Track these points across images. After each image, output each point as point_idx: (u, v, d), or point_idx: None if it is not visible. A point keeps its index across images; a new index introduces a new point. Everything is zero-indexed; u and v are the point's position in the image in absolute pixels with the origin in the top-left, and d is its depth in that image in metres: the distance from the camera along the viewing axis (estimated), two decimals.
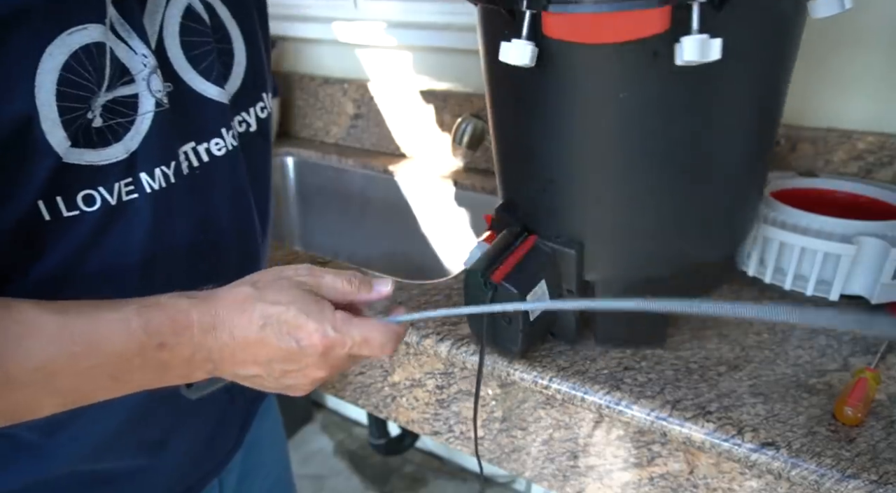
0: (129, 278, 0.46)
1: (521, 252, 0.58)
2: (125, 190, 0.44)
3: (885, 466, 0.47)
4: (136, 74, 0.44)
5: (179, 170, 0.48)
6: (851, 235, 0.67)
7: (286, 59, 1.34)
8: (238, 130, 0.55)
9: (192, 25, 0.49)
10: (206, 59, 0.50)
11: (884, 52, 0.82)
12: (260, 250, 0.60)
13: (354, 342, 0.43)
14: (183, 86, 0.48)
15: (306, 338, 0.41)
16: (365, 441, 1.72)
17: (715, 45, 0.43)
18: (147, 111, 0.45)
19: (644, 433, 0.57)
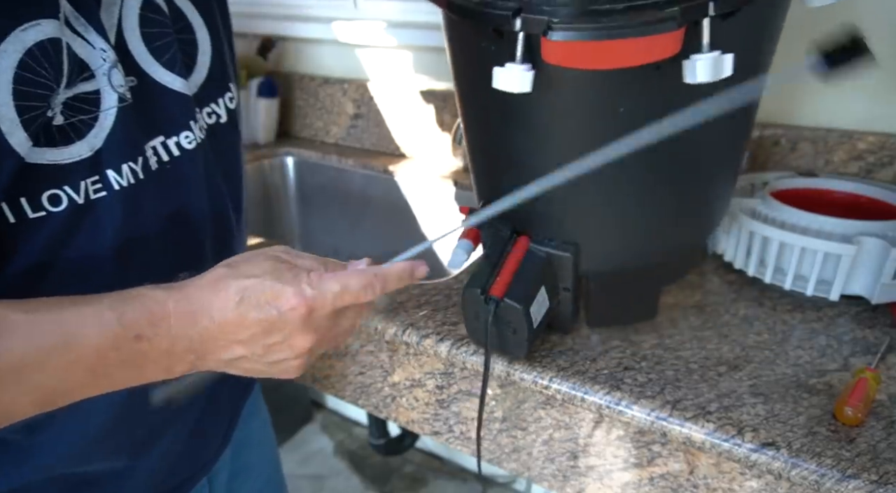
0: (103, 277, 0.46)
1: (516, 260, 0.56)
2: (92, 188, 0.44)
3: (886, 466, 0.47)
4: (95, 69, 0.43)
5: (147, 165, 0.47)
6: (851, 235, 0.67)
7: (286, 59, 1.34)
8: (207, 121, 0.54)
9: (152, 16, 0.48)
10: (168, 51, 0.49)
11: (884, 52, 0.82)
12: (235, 241, 0.59)
13: (335, 295, 0.41)
14: (147, 79, 0.47)
15: (285, 303, 0.40)
16: (365, 441, 1.72)
17: (727, 62, 0.40)
18: (110, 107, 0.44)
19: (644, 433, 0.57)
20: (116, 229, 0.45)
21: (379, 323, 0.67)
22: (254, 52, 1.30)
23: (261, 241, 0.86)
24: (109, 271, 0.46)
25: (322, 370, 0.79)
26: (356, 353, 0.74)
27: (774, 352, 0.61)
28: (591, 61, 0.41)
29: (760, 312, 0.68)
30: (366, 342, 0.72)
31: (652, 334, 0.64)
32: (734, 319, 0.66)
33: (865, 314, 0.67)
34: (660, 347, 0.62)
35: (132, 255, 0.47)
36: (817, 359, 0.60)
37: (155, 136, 0.48)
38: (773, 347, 0.62)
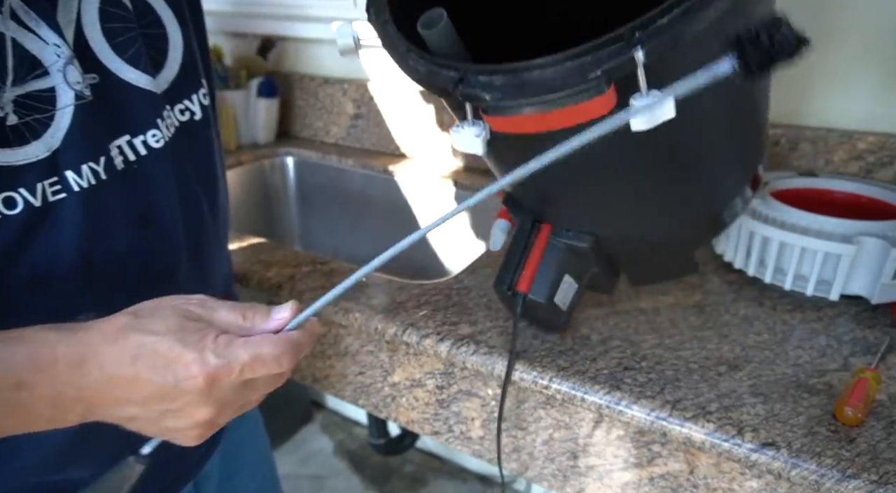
0: (67, 281, 0.44)
1: (538, 252, 0.58)
2: (50, 190, 0.42)
3: (886, 466, 0.47)
4: (49, 66, 0.41)
5: (111, 165, 0.45)
6: (851, 235, 0.67)
7: (286, 59, 1.34)
8: (180, 118, 0.52)
9: (113, 11, 0.46)
10: (132, 46, 0.47)
11: (884, 52, 0.82)
12: (212, 243, 0.57)
13: (244, 365, 0.37)
14: (110, 76, 0.46)
15: (183, 370, 0.36)
16: (365, 441, 1.72)
17: (667, 106, 0.36)
18: (66, 105, 0.42)
19: (644, 432, 0.57)
20: (78, 232, 0.44)
21: (379, 323, 0.67)
22: (254, 52, 1.30)
23: (263, 242, 0.86)
24: (73, 276, 0.44)
25: (322, 370, 0.79)
26: (356, 353, 0.74)
27: (774, 352, 0.61)
28: (531, 128, 0.41)
29: (760, 312, 0.68)
30: (366, 342, 0.72)
31: (652, 334, 0.64)
32: (734, 319, 0.66)
33: (865, 314, 0.67)
34: (660, 347, 0.62)
35: (97, 258, 0.45)
36: (817, 359, 0.60)
37: (120, 134, 0.46)
38: (773, 347, 0.62)
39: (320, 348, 0.77)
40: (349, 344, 0.74)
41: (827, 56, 0.85)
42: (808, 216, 0.69)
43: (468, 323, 0.66)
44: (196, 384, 0.36)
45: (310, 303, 0.41)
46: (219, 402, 0.38)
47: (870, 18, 0.82)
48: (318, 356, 0.78)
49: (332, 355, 0.77)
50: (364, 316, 0.68)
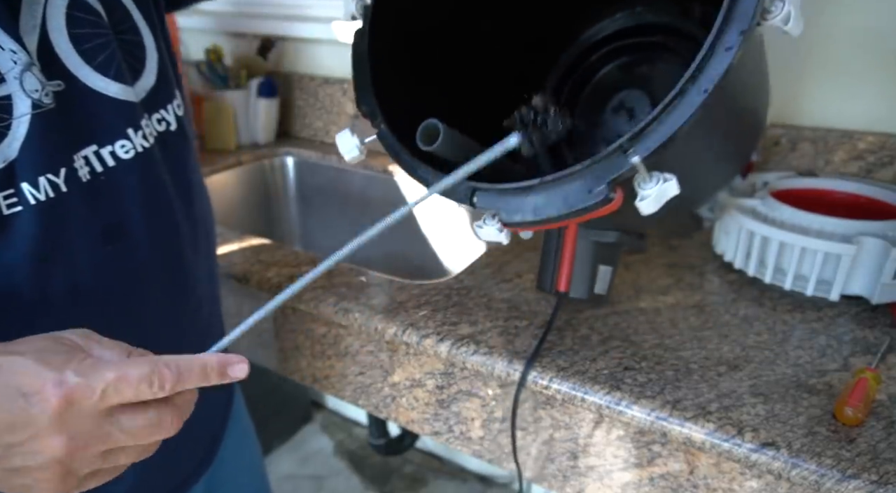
0: (21, 300, 0.42)
1: (570, 251, 0.60)
2: (5, 203, 0.40)
3: (886, 466, 0.47)
4: (5, 73, 0.39)
5: (75, 177, 0.43)
6: (851, 235, 0.67)
7: (286, 59, 1.34)
8: (157, 128, 0.51)
9: (82, 16, 0.44)
10: (101, 53, 0.45)
11: (884, 52, 0.82)
12: (188, 256, 0.55)
13: (106, 386, 0.31)
14: (77, 84, 0.44)
15: (36, 392, 0.30)
16: (365, 441, 1.72)
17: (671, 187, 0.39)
18: (23, 114, 0.40)
19: (644, 433, 0.57)
20: (33, 248, 0.41)
21: (379, 323, 0.67)
22: (254, 52, 1.30)
23: (263, 242, 0.86)
24: (28, 293, 0.42)
25: (322, 370, 0.79)
26: (356, 353, 0.74)
27: (774, 352, 0.61)
28: (545, 227, 0.44)
29: (760, 312, 0.68)
30: (366, 342, 0.72)
31: (652, 334, 0.64)
32: (734, 319, 0.66)
33: (865, 314, 0.67)
34: (660, 347, 0.62)
35: (55, 274, 0.43)
36: (817, 359, 0.60)
37: (85, 145, 0.44)
38: (773, 347, 0.62)
39: (320, 348, 0.77)
40: (349, 344, 0.74)
41: (827, 56, 0.85)
42: (808, 216, 0.69)
43: (468, 323, 0.66)
44: (48, 407, 0.30)
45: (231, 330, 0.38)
46: (73, 435, 0.31)
47: (870, 18, 0.82)
48: (318, 356, 0.78)
49: (332, 355, 0.77)
50: (364, 316, 0.68)
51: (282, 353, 0.82)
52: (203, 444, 0.63)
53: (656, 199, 0.39)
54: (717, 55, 0.38)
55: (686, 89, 0.38)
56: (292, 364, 0.82)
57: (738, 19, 0.37)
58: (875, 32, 0.82)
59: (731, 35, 0.37)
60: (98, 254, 0.45)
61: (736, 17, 0.38)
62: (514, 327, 0.65)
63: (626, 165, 0.39)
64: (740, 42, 0.37)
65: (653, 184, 0.39)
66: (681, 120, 0.38)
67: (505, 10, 0.62)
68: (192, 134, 0.57)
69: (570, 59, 0.69)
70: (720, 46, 0.37)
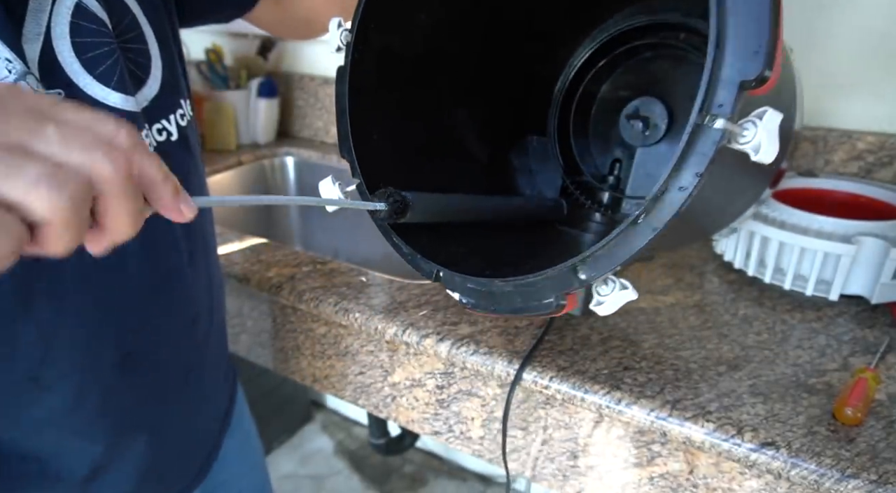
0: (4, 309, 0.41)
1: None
2: None
3: (885, 466, 0.47)
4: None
5: None
6: (851, 235, 0.67)
7: (286, 59, 1.34)
8: (157, 138, 0.50)
9: (86, 25, 0.44)
10: (104, 63, 0.45)
11: (884, 52, 0.83)
12: (184, 269, 0.54)
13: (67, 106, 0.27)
14: (77, 92, 0.43)
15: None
16: (365, 441, 1.72)
17: (627, 295, 0.41)
18: None
19: (644, 432, 0.57)
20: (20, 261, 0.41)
21: (379, 323, 0.67)
22: (254, 53, 1.30)
23: (263, 242, 0.86)
24: (9, 304, 0.41)
25: (322, 370, 0.79)
26: (356, 353, 0.74)
27: (774, 352, 0.61)
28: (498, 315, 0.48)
29: (760, 312, 0.68)
30: (366, 342, 0.72)
31: (652, 334, 0.64)
32: (734, 319, 0.66)
33: (865, 314, 0.67)
34: (660, 347, 0.62)
35: (40, 288, 0.42)
36: (817, 359, 0.60)
37: None
38: (773, 347, 0.62)
39: (320, 347, 0.77)
40: (349, 344, 0.74)
41: (826, 56, 0.85)
42: (808, 216, 0.69)
43: (468, 323, 0.66)
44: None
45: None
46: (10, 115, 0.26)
47: (869, 19, 0.82)
48: (318, 356, 0.78)
49: (333, 355, 0.77)
50: (364, 316, 0.68)
51: (282, 353, 0.82)
52: (199, 458, 0.62)
53: (612, 304, 0.42)
54: (671, 193, 0.37)
55: (638, 220, 0.38)
56: (292, 364, 0.82)
57: (695, 161, 0.36)
58: (875, 32, 0.82)
59: (686, 176, 0.36)
60: (86, 267, 0.45)
61: (692, 158, 0.36)
62: (514, 327, 0.65)
63: (576, 283, 0.41)
64: (696, 184, 0.36)
65: (609, 290, 0.41)
66: (629, 252, 0.39)
67: (494, 36, 0.62)
68: (196, 143, 0.56)
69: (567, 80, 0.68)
70: (674, 185, 0.36)
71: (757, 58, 0.33)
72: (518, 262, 0.52)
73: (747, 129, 0.34)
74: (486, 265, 0.51)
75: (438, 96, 0.61)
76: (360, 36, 0.52)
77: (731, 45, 0.34)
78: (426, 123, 0.59)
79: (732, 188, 0.54)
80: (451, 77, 0.61)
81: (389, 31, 0.53)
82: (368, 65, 0.53)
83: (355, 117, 0.53)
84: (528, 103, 0.68)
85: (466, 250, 0.54)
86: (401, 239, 0.50)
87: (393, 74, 0.56)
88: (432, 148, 0.60)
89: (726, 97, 0.34)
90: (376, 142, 0.54)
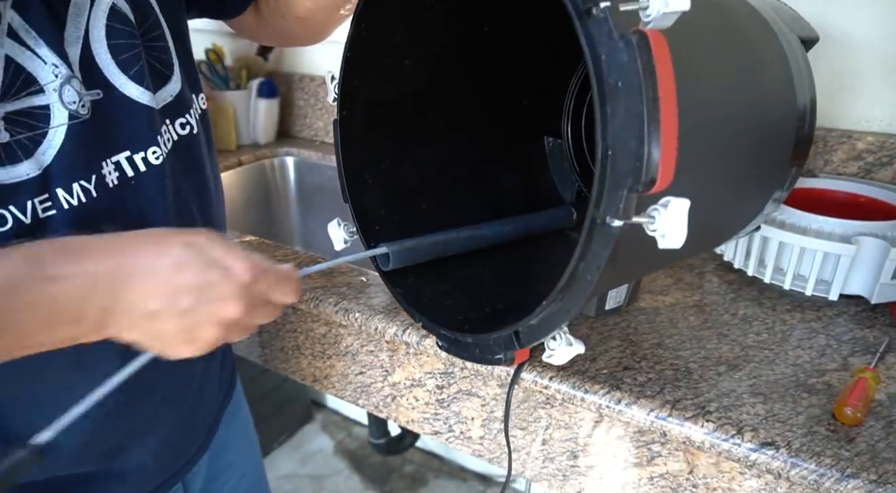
0: None
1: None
2: (41, 207, 0.42)
3: (885, 466, 0.47)
4: (45, 85, 0.41)
5: (103, 183, 0.45)
6: (851, 235, 0.67)
7: (286, 59, 1.34)
8: (180, 132, 0.53)
9: (119, 27, 0.46)
10: (136, 63, 0.47)
11: (883, 52, 0.83)
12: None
13: (277, 277, 0.41)
14: (114, 93, 0.46)
15: (234, 264, 0.39)
16: (365, 441, 1.72)
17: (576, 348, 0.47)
18: (60, 124, 0.42)
19: (644, 432, 0.57)
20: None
21: (379, 323, 0.67)
22: (254, 53, 1.30)
23: (263, 242, 0.86)
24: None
25: (322, 370, 0.79)
26: (356, 353, 0.74)
27: (774, 352, 0.61)
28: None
29: (760, 311, 0.68)
30: (366, 342, 0.72)
31: (652, 334, 0.64)
32: (734, 319, 0.66)
33: (865, 314, 0.67)
34: (660, 347, 0.62)
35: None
36: (817, 359, 0.60)
37: (118, 151, 0.47)
38: (773, 346, 0.62)
39: (321, 347, 0.77)
40: (349, 344, 0.74)
41: (826, 56, 0.85)
42: (808, 216, 0.69)
43: None
44: (242, 278, 0.39)
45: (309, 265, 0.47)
46: (249, 304, 0.40)
47: (869, 19, 0.82)
48: (319, 356, 0.78)
49: (333, 355, 0.77)
50: (364, 316, 0.68)
51: (282, 353, 0.83)
52: (203, 429, 0.64)
53: (560, 357, 0.46)
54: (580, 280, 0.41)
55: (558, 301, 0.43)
56: (292, 364, 0.82)
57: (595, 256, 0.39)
58: (875, 32, 0.82)
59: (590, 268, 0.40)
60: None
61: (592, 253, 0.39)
62: None
63: (517, 346, 0.48)
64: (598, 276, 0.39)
65: (556, 345, 0.46)
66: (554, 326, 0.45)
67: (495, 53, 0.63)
68: (211, 135, 0.59)
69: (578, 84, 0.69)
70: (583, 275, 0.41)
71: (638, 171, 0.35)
72: (501, 295, 0.57)
73: (653, 218, 0.36)
74: (470, 303, 0.56)
75: (431, 130, 0.63)
76: (345, 94, 0.55)
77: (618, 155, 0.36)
78: (418, 163, 0.62)
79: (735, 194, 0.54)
80: (446, 107, 0.63)
81: (374, 84, 0.56)
82: (358, 116, 0.57)
83: (349, 165, 0.57)
84: (538, 111, 0.69)
85: (450, 287, 0.58)
86: (388, 281, 0.56)
87: (382, 121, 0.58)
88: (427, 184, 0.63)
89: (619, 200, 0.37)
90: (371, 187, 0.58)
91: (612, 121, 0.36)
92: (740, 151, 0.49)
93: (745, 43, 0.51)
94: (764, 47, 0.54)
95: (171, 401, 0.56)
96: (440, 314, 0.54)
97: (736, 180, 0.52)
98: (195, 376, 0.60)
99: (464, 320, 0.53)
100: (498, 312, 0.54)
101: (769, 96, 0.53)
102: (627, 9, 0.35)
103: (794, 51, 0.57)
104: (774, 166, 0.56)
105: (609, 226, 0.37)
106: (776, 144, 0.54)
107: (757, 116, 0.51)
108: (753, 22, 0.54)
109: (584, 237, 0.39)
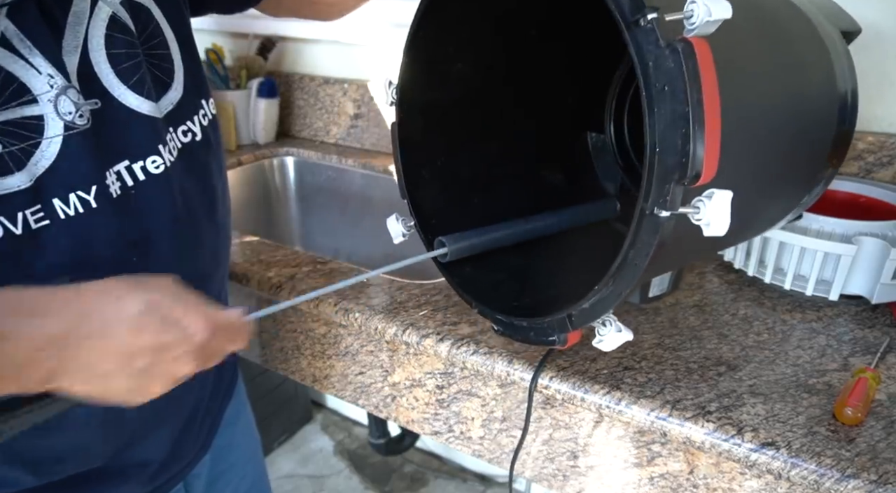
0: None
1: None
2: (33, 218, 0.41)
3: (885, 466, 0.47)
4: (39, 95, 0.41)
5: (105, 193, 0.45)
6: (851, 235, 0.67)
7: (286, 59, 1.34)
8: (183, 140, 0.52)
9: (119, 36, 0.46)
10: (136, 73, 0.47)
11: (883, 52, 0.82)
12: (209, 265, 0.56)
13: (230, 331, 0.41)
14: (113, 102, 0.45)
15: (190, 324, 0.38)
16: (365, 441, 1.72)
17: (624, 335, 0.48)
18: (55, 135, 0.42)
19: (644, 432, 0.57)
20: (62, 261, 0.43)
21: (379, 323, 0.67)
22: (254, 52, 1.30)
23: (263, 242, 0.86)
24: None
25: (322, 370, 0.79)
26: (356, 353, 0.74)
27: (774, 352, 0.61)
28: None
29: (760, 312, 0.68)
30: (366, 342, 0.72)
31: (652, 334, 0.64)
32: (734, 319, 0.66)
33: (865, 314, 0.67)
34: (660, 347, 0.62)
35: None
36: (817, 359, 0.60)
37: (118, 160, 0.46)
38: (773, 347, 0.62)
39: (321, 347, 0.77)
40: (349, 344, 0.74)
41: None
42: (808, 216, 0.69)
43: (468, 323, 0.66)
44: (201, 338, 0.39)
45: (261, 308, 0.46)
46: (204, 359, 0.40)
47: (869, 20, 0.82)
48: (319, 356, 0.78)
49: (333, 355, 0.77)
50: (364, 316, 0.68)
51: (282, 353, 0.82)
52: (205, 426, 0.64)
53: (609, 343, 0.48)
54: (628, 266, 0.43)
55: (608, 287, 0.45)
56: (292, 364, 0.82)
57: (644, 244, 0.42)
58: (875, 32, 0.82)
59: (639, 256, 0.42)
60: (124, 270, 0.46)
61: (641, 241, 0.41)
62: None
63: (570, 328, 0.49)
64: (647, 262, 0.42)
65: (607, 331, 0.48)
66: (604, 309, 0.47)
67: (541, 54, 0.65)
68: (218, 141, 0.58)
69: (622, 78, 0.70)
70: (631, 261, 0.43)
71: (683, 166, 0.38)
72: (551, 283, 0.59)
73: (698, 208, 0.38)
74: (521, 289, 0.58)
75: (482, 129, 0.65)
76: (402, 99, 0.58)
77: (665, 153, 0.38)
78: (470, 159, 0.64)
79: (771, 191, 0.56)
80: (495, 107, 0.65)
81: (429, 88, 0.59)
82: (414, 118, 0.59)
83: (407, 164, 0.59)
84: (581, 108, 0.71)
85: (504, 275, 0.60)
86: (446, 272, 0.59)
87: (436, 122, 0.61)
88: (478, 179, 0.65)
89: (666, 193, 0.39)
90: (428, 182, 0.61)
91: (660, 122, 0.38)
92: (780, 147, 0.52)
93: (786, 42, 0.53)
94: (804, 45, 0.55)
95: (172, 401, 0.56)
96: (494, 301, 0.56)
97: (775, 174, 0.54)
98: (196, 376, 0.60)
99: (518, 305, 0.56)
100: (549, 297, 0.56)
101: (809, 92, 0.55)
102: (673, 18, 0.37)
103: (836, 45, 0.58)
104: (813, 160, 0.58)
105: (657, 216, 0.40)
106: (816, 139, 0.57)
107: (797, 113, 0.53)
108: (794, 20, 0.55)
109: (633, 226, 0.41)
